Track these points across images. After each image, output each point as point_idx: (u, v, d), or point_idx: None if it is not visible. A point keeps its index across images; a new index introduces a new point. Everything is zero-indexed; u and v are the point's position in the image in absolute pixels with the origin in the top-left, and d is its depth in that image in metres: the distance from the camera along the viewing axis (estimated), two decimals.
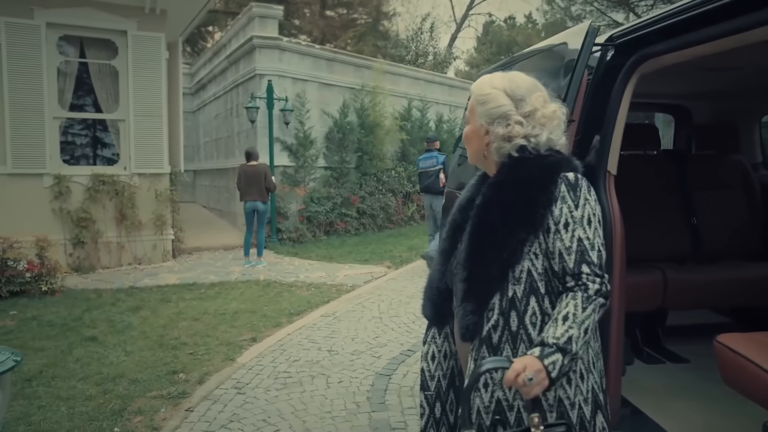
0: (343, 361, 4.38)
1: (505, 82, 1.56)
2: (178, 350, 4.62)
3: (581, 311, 1.36)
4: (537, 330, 1.45)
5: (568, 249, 1.42)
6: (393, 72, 13.62)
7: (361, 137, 11.97)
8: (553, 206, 1.44)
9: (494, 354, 1.47)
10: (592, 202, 1.45)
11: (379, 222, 12.35)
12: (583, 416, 1.46)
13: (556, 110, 1.55)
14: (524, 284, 1.46)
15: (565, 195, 1.44)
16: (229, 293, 6.69)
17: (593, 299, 1.38)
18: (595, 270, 1.41)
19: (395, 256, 9.28)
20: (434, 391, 1.70)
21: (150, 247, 8.58)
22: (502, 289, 1.47)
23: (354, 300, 6.36)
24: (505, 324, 1.47)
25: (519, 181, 1.49)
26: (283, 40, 10.89)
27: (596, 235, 1.43)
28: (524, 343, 1.45)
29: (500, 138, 1.52)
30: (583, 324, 1.36)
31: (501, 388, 1.46)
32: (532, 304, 1.46)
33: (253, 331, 5.18)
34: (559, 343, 1.33)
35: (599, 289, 1.39)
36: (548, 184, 1.45)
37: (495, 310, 1.48)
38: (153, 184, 8.54)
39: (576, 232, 1.42)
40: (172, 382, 3.94)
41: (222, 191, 13.33)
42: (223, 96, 13.07)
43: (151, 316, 5.68)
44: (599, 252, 1.43)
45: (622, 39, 2.24)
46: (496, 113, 1.53)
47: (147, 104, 8.47)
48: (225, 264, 8.72)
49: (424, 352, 1.74)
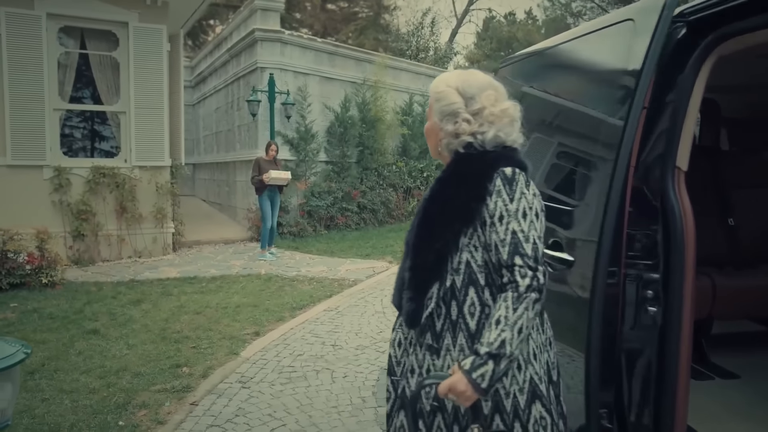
0: (347, 355, 4.35)
1: (459, 80, 1.61)
2: (181, 344, 4.59)
3: (512, 312, 1.40)
4: (475, 320, 1.50)
5: (503, 241, 1.46)
6: (394, 66, 13.57)
7: (362, 132, 11.92)
8: (487, 200, 1.48)
9: (437, 341, 1.54)
10: (529, 196, 1.49)
11: (380, 217, 12.31)
12: (517, 405, 1.52)
13: (507, 108, 1.59)
14: (463, 275, 1.52)
15: (500, 189, 1.48)
16: (231, 287, 6.66)
17: (524, 297, 1.41)
18: (528, 262, 1.43)
19: (396, 251, 9.24)
20: (400, 376, 1.73)
21: (150, 241, 8.54)
22: (440, 279, 1.53)
23: (356, 294, 6.33)
24: (447, 312, 1.53)
25: (458, 176, 1.56)
26: (285, 33, 10.82)
27: (531, 228, 1.46)
28: (463, 332, 1.51)
29: (449, 134, 1.59)
30: (516, 325, 1.39)
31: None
32: (471, 294, 1.51)
33: (256, 325, 5.15)
34: (491, 350, 1.38)
35: (530, 284, 1.42)
36: (483, 179, 1.50)
37: (433, 298, 1.54)
38: (154, 177, 8.50)
39: (510, 225, 1.46)
40: (176, 375, 3.91)
41: (222, 185, 13.28)
42: (223, 89, 13.01)
43: (153, 309, 5.64)
44: (534, 244, 1.45)
45: (696, 15, 1.92)
46: (447, 110, 1.59)
47: (148, 96, 8.41)
48: (226, 258, 8.68)
49: (391, 338, 1.80)
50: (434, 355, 1.55)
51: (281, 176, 8.37)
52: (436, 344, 1.55)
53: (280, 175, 8.35)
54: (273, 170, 8.28)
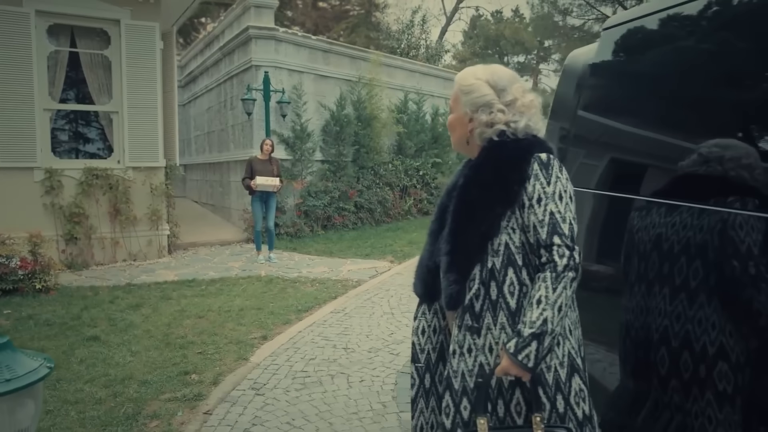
0: (361, 359, 4.21)
1: (486, 73, 1.71)
2: (187, 349, 4.42)
3: (552, 291, 1.47)
4: (515, 299, 1.58)
5: (541, 222, 1.53)
6: (389, 64, 13.43)
7: (358, 130, 11.76)
8: (526, 183, 1.57)
9: (476, 320, 1.60)
10: (563, 180, 1.57)
11: (377, 216, 12.17)
12: (559, 378, 1.58)
13: (533, 99, 1.69)
14: (502, 256, 1.59)
15: (537, 173, 1.56)
16: (232, 289, 6.49)
17: (563, 276, 1.48)
18: (566, 241, 1.51)
19: (396, 250, 9.12)
20: (424, 363, 1.83)
21: (145, 243, 8.33)
22: (481, 261, 1.60)
23: (362, 295, 6.19)
24: (486, 293, 1.60)
25: (496, 162, 1.64)
26: (279, 30, 10.64)
27: (567, 210, 1.55)
28: (503, 311, 1.58)
29: (483, 124, 1.67)
30: (556, 303, 1.47)
31: (483, 352, 1.60)
32: (510, 274, 1.59)
33: (263, 328, 4.99)
34: (534, 329, 1.46)
35: (567, 264, 1.49)
36: (521, 163, 1.59)
37: (476, 279, 1.60)
38: (148, 178, 8.29)
39: (548, 206, 1.54)
40: (185, 383, 3.74)
41: (215, 186, 13.06)
42: (216, 88, 12.79)
43: (153, 314, 5.46)
44: (570, 225, 1.54)
45: None
46: (480, 102, 1.67)
47: (141, 96, 8.20)
48: (223, 260, 8.49)
49: (414, 326, 1.87)
50: (475, 334, 1.61)
51: (268, 183, 7.92)
52: (476, 324, 1.61)
53: (266, 182, 7.90)
54: (260, 177, 7.85)
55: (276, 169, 8.16)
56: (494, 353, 1.59)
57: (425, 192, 13.77)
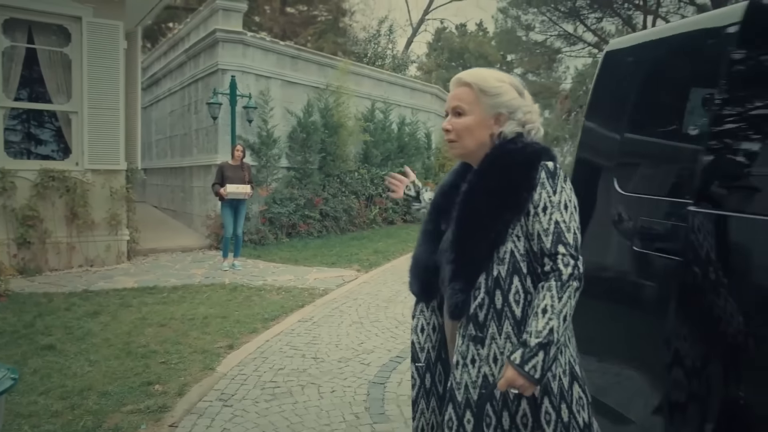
0: (331, 369, 4.12)
1: (505, 77, 1.69)
2: (149, 359, 4.24)
3: (558, 301, 1.46)
4: (520, 307, 1.55)
5: (546, 230, 1.52)
6: (357, 72, 13.40)
7: (324, 137, 11.67)
8: (533, 191, 1.55)
9: (480, 330, 1.56)
10: (568, 190, 1.56)
11: (342, 225, 12.08)
12: (562, 387, 1.58)
13: (536, 105, 1.72)
14: (508, 264, 1.56)
15: (544, 181, 1.55)
16: (195, 297, 6.30)
17: (567, 285, 1.47)
18: (570, 251, 1.50)
19: (362, 259, 9.05)
20: (424, 362, 1.81)
21: (103, 248, 8.04)
22: (487, 269, 1.57)
23: (330, 304, 6.09)
24: (491, 302, 1.56)
25: (504, 168, 1.60)
26: (247, 34, 10.49)
27: (572, 219, 1.54)
28: (509, 320, 1.55)
29: (517, 123, 1.65)
30: (562, 313, 1.46)
31: (487, 363, 1.57)
32: (516, 282, 1.56)
33: (228, 337, 4.85)
34: (541, 340, 1.44)
35: (572, 273, 1.48)
36: (531, 170, 1.56)
37: (481, 288, 1.57)
38: (108, 181, 8.02)
39: (553, 215, 1.53)
40: (148, 394, 3.58)
41: (177, 191, 12.74)
42: (179, 91, 12.50)
43: (113, 321, 5.24)
44: (575, 234, 1.53)
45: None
46: (514, 105, 1.65)
47: (102, 96, 7.95)
48: (185, 266, 8.26)
49: (413, 325, 1.84)
50: (478, 344, 1.58)
51: (239, 191, 7.69)
52: (480, 333, 1.57)
53: (238, 190, 7.67)
54: (231, 185, 7.60)
55: (248, 175, 7.92)
56: (499, 364, 1.56)
57: (390, 201, 13.75)
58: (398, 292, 6.65)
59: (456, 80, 1.72)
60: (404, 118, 14.76)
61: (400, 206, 13.95)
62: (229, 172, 7.75)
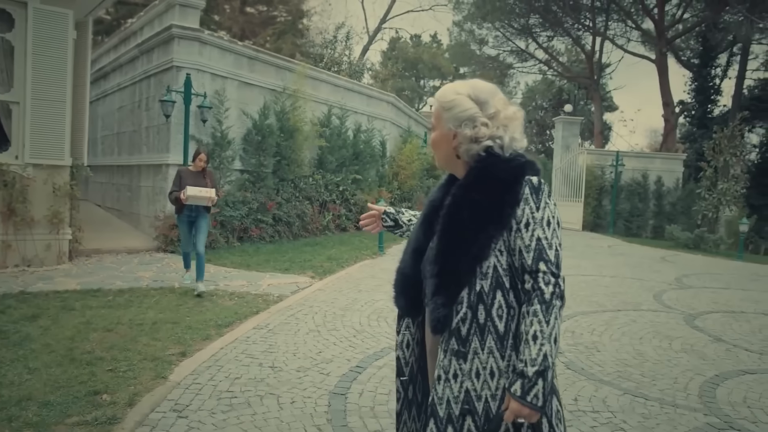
0: (290, 378, 4.00)
1: (467, 87, 1.67)
2: (95, 366, 4.01)
3: (546, 325, 1.45)
4: (503, 322, 1.54)
5: (528, 247, 1.51)
6: (314, 77, 13.28)
7: (280, 141, 11.49)
8: (516, 206, 1.54)
9: (463, 345, 1.55)
10: (551, 206, 1.55)
11: (295, 230, 11.90)
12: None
13: (515, 111, 1.66)
14: (490, 279, 1.55)
15: (528, 197, 1.53)
16: (143, 301, 6.03)
17: (552, 306, 1.46)
18: (552, 268, 1.49)
19: (316, 266, 8.92)
20: (408, 376, 1.81)
21: (43, 248, 7.62)
22: (470, 284, 1.55)
23: (285, 311, 5.95)
24: (473, 316, 1.54)
25: (486, 181, 1.59)
26: (204, 32, 10.22)
27: (554, 236, 1.53)
28: (492, 335, 1.54)
29: (468, 140, 1.62)
30: (551, 336, 1.45)
31: (470, 378, 1.55)
32: (498, 297, 1.54)
33: (180, 344, 4.65)
34: (537, 368, 1.43)
35: (554, 291, 1.47)
36: (514, 185, 1.55)
37: (464, 303, 1.55)
38: (50, 177, 7.62)
39: (536, 231, 1.51)
40: (95, 404, 3.37)
41: (123, 190, 12.26)
42: (130, 87, 12.06)
43: (53, 326, 4.95)
44: (556, 251, 1.52)
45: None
46: (463, 116, 1.63)
47: (48, 87, 7.56)
48: (131, 269, 7.92)
49: (398, 341, 1.83)
50: (461, 359, 1.56)
51: (201, 195, 6.34)
52: (462, 348, 1.55)
53: (199, 194, 6.32)
54: (191, 188, 6.30)
55: (210, 183, 6.64)
56: (481, 378, 1.55)
57: (344, 208, 13.66)
58: (354, 301, 6.57)
59: None
60: (360, 125, 14.72)
61: (353, 213, 13.89)
62: (189, 179, 6.49)
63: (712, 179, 17.96)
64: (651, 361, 4.80)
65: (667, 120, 26.67)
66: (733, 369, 4.70)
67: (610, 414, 3.63)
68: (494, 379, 1.54)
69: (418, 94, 44.73)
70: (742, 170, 17.86)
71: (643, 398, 3.93)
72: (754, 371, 4.67)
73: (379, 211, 2.15)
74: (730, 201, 17.61)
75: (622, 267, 10.90)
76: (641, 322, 6.22)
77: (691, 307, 7.19)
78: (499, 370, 1.54)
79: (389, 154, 16.40)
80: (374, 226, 2.15)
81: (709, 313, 6.90)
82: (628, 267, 10.96)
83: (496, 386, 1.54)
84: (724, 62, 26.85)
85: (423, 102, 45.25)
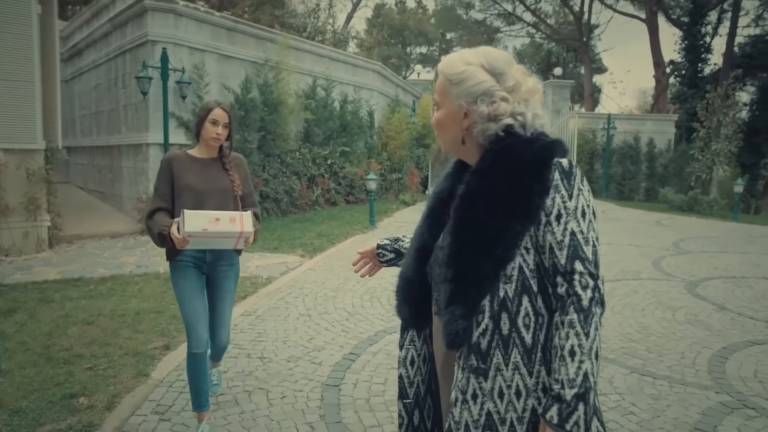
0: (279, 370, 3.80)
1: (479, 56, 1.40)
2: (73, 365, 3.78)
3: (585, 338, 1.21)
4: (530, 333, 1.30)
5: (560, 243, 1.27)
6: (297, 47, 12.83)
7: (264, 115, 11.12)
8: (546, 195, 1.29)
9: (483, 361, 1.30)
10: (586, 193, 1.31)
11: (283, 206, 11.62)
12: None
13: (536, 83, 1.42)
14: (515, 283, 1.30)
15: (558, 183, 1.29)
16: (126, 289, 5.79)
17: (591, 314, 1.22)
18: (590, 268, 1.25)
19: (306, 243, 8.68)
20: (413, 398, 1.59)
21: (20, 236, 7.32)
22: (492, 290, 1.31)
23: (274, 295, 5.73)
24: (496, 327, 1.30)
25: (510, 167, 1.33)
26: (179, 3, 9.74)
27: (590, 229, 1.29)
28: (517, 348, 1.30)
29: (485, 118, 1.36)
30: (592, 350, 1.22)
31: (491, 399, 1.31)
32: (525, 303, 1.30)
33: (164, 336, 4.43)
34: (577, 390, 1.20)
35: (593, 297, 1.23)
36: (543, 170, 1.30)
37: (486, 313, 1.31)
38: (23, 162, 7.28)
39: (569, 224, 1.27)
40: (71, 409, 3.15)
41: (104, 171, 11.89)
42: (105, 64, 11.57)
43: (30, 321, 4.70)
44: (594, 247, 1.28)
45: None
46: (477, 91, 1.37)
47: (13, 66, 7.17)
48: (115, 254, 7.65)
49: (402, 357, 1.60)
50: (481, 377, 1.31)
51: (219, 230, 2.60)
52: (482, 364, 1.31)
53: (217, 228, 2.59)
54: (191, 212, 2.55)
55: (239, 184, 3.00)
56: (506, 399, 1.31)
57: (333, 182, 13.38)
58: (346, 280, 6.36)
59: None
60: (347, 95, 14.32)
61: (343, 187, 13.61)
62: (189, 180, 2.87)
63: (705, 140, 17.78)
64: (656, 335, 4.64)
65: (659, 80, 26.34)
66: (741, 340, 4.55)
67: (618, 396, 3.46)
68: (521, 399, 1.31)
69: (404, 62, 44.03)
70: (734, 130, 17.67)
71: (651, 377, 3.76)
72: (762, 341, 4.52)
73: (371, 250, 1.84)
74: (723, 161, 17.47)
75: (618, 233, 10.75)
76: (642, 292, 6.06)
77: (691, 274, 7.05)
78: (527, 388, 1.30)
79: (377, 125, 16.05)
80: (370, 268, 1.85)
81: (710, 280, 6.76)
82: (624, 233, 10.81)
83: (522, 408, 1.31)
84: (715, 19, 26.40)
85: (410, 69, 44.60)
